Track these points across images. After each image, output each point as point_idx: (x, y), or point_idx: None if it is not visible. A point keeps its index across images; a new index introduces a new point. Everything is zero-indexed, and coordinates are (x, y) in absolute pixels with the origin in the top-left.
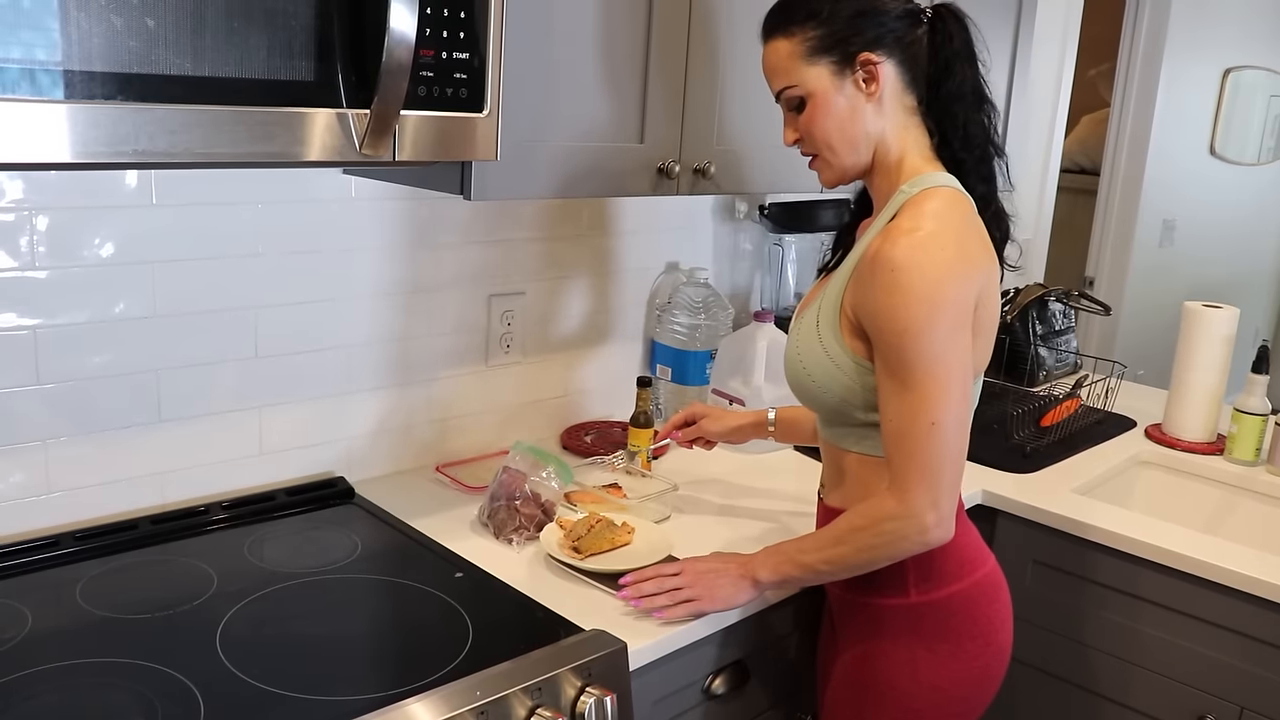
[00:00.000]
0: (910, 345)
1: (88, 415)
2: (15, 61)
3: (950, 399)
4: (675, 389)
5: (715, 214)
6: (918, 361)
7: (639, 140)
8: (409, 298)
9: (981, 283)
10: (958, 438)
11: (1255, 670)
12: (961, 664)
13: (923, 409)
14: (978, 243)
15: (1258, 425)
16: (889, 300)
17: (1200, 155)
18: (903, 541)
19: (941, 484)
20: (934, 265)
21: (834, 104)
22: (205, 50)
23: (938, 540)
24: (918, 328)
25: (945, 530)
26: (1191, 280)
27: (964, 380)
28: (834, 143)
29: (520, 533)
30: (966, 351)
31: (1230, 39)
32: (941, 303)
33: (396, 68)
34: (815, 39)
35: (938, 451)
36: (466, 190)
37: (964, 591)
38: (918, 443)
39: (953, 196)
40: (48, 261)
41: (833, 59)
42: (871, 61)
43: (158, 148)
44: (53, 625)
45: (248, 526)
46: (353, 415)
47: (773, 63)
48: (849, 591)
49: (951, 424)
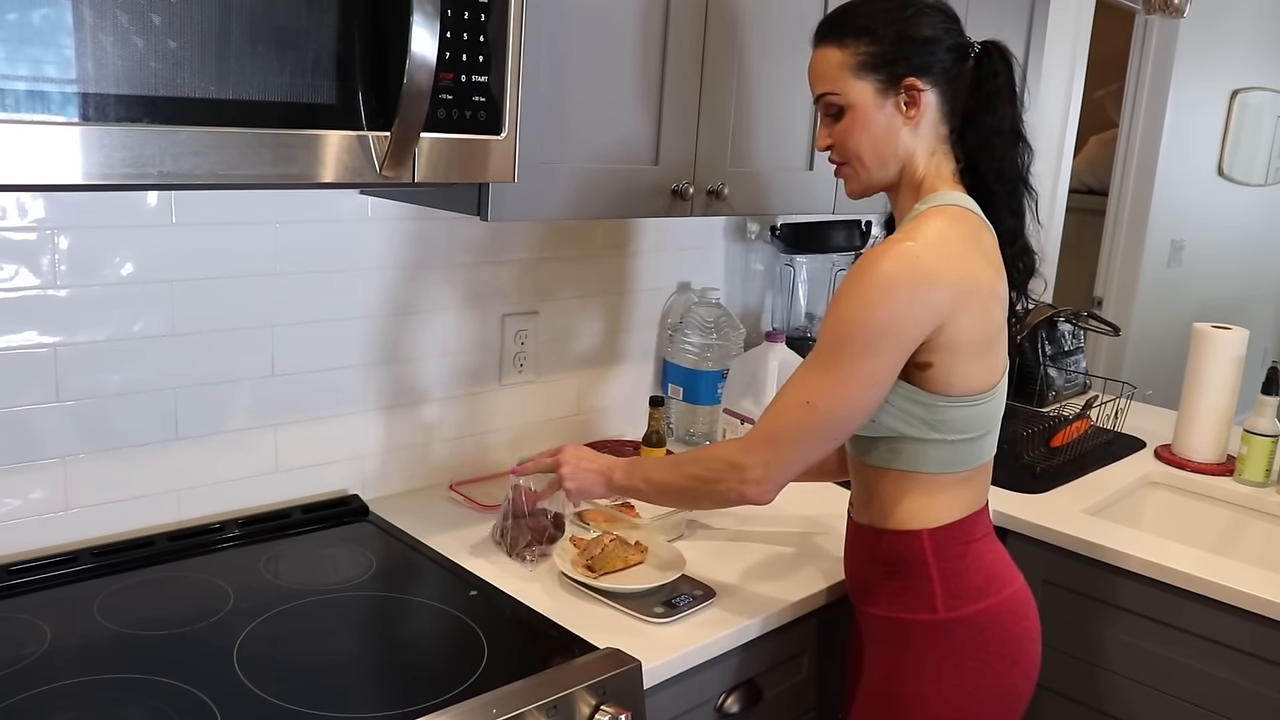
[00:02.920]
0: (831, 328)
1: (106, 432)
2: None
3: (840, 392)
4: (687, 408)
5: (727, 234)
6: (832, 348)
7: (654, 162)
8: (423, 317)
9: (951, 294)
10: (825, 427)
11: (1265, 691)
12: (989, 681)
13: (810, 388)
14: (966, 263)
15: (1267, 446)
16: (844, 288)
17: (1208, 176)
18: (720, 484)
19: (782, 454)
20: (893, 273)
21: (872, 120)
22: (229, 73)
23: (753, 498)
24: (848, 318)
25: (762, 491)
26: (1200, 300)
27: (865, 381)
28: (865, 156)
29: (532, 549)
30: (886, 357)
31: (1238, 60)
32: (881, 305)
33: (417, 91)
34: (866, 55)
35: (796, 425)
36: (484, 211)
37: (992, 609)
38: (785, 410)
39: (957, 214)
40: (69, 280)
41: (879, 77)
42: (916, 88)
43: (182, 169)
44: (71, 641)
45: (263, 544)
46: (367, 433)
47: (820, 68)
48: (876, 607)
49: (824, 413)
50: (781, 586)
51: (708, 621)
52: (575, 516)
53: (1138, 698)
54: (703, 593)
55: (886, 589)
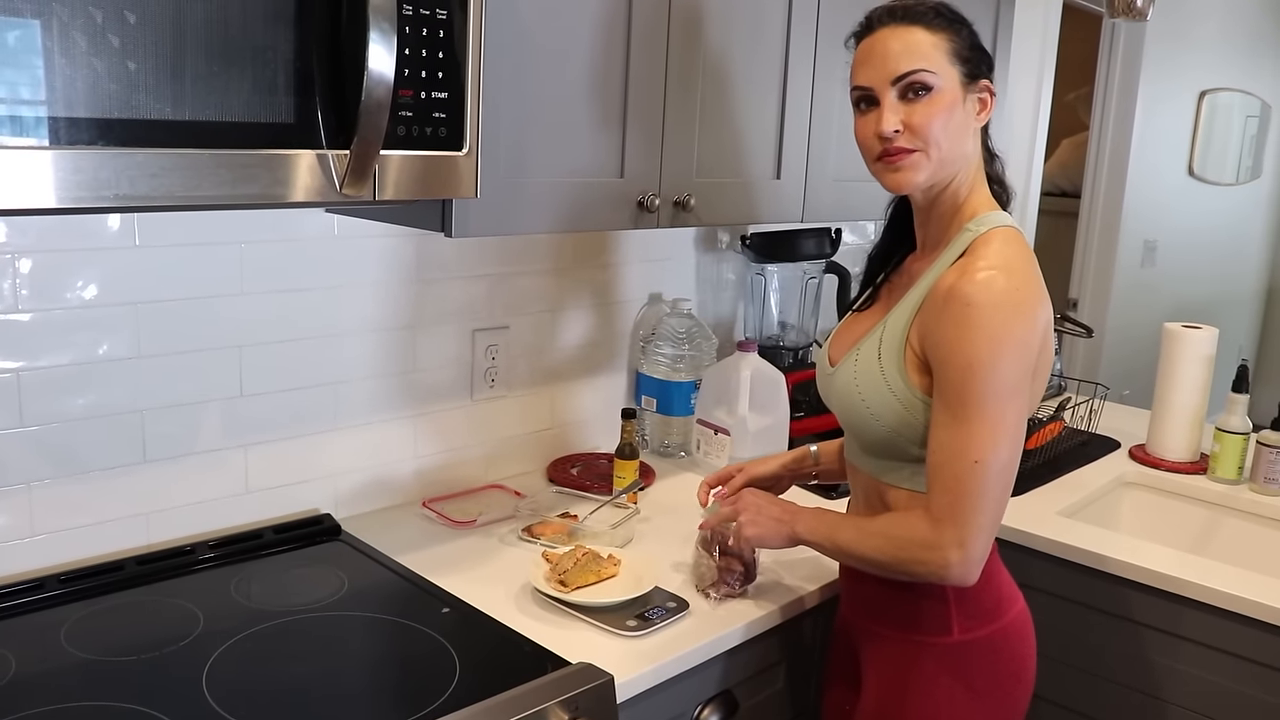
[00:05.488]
0: (971, 380)
1: (72, 457)
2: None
3: (999, 440)
4: (661, 420)
5: (698, 245)
6: (975, 397)
7: (619, 175)
8: (393, 334)
9: (1044, 325)
10: (999, 480)
11: (1244, 689)
12: (997, 700)
13: (970, 445)
14: (1040, 285)
15: (1239, 444)
16: (958, 334)
17: (1179, 176)
18: (920, 568)
19: (972, 524)
20: (1006, 305)
21: (956, 109)
22: (185, 94)
23: (956, 580)
24: (981, 363)
25: (966, 572)
26: (1174, 300)
27: (1017, 423)
28: (942, 143)
29: (718, 587)
30: (1024, 394)
31: (1206, 62)
32: (1009, 341)
33: (375, 108)
34: (956, 44)
35: (976, 490)
36: (448, 228)
37: (1003, 630)
38: (958, 478)
39: (1018, 237)
40: (31, 304)
41: (965, 70)
42: (991, 91)
43: (139, 192)
44: (37, 670)
45: (234, 565)
46: (338, 452)
47: (910, 45)
48: (885, 626)
49: (995, 465)
50: (756, 596)
51: (681, 634)
52: (524, 531)
53: (1116, 698)
54: (676, 605)
55: (898, 609)
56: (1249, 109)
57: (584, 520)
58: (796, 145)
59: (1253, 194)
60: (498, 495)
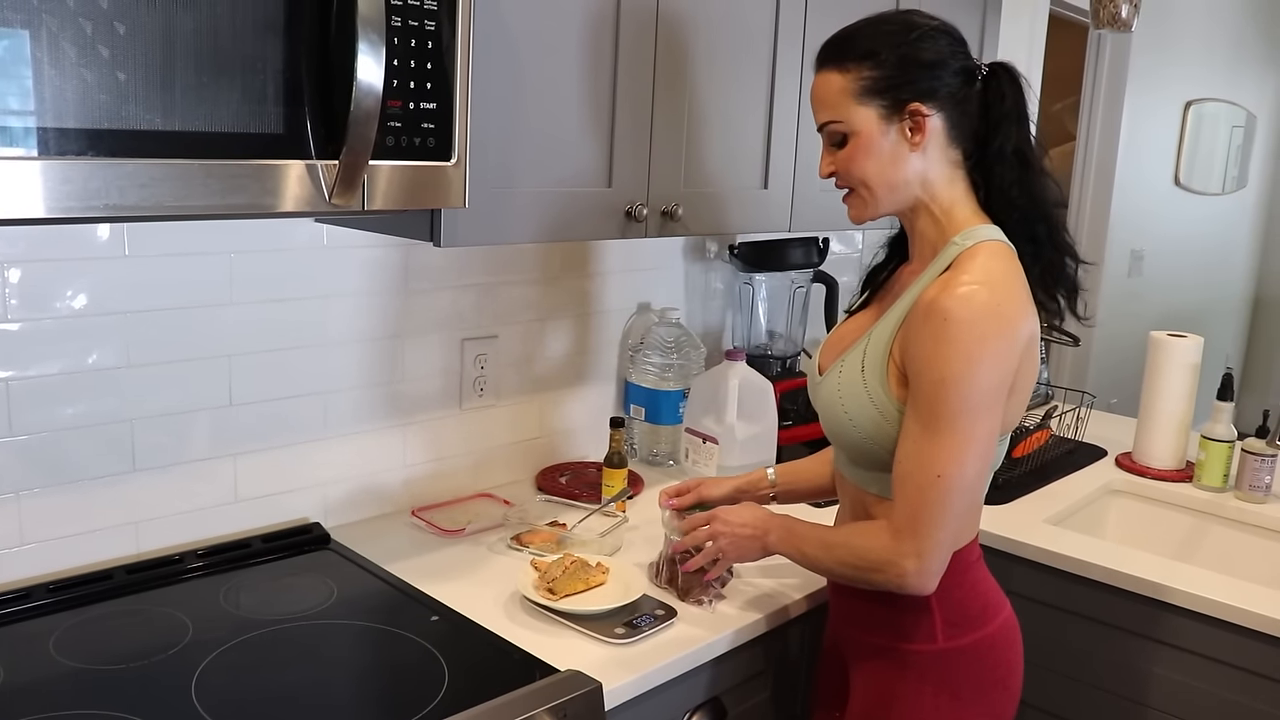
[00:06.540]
0: (943, 394)
1: (61, 466)
2: None
3: (966, 455)
4: (649, 429)
5: (686, 254)
6: (946, 412)
7: (607, 185)
8: (382, 343)
9: (1025, 340)
10: (963, 495)
11: (1230, 696)
12: (982, 708)
13: (936, 459)
14: (1024, 299)
15: (1224, 452)
16: (934, 348)
17: (1166, 186)
18: (878, 576)
19: (931, 538)
20: (984, 320)
21: (877, 146)
22: (175, 104)
23: (913, 590)
24: (955, 378)
25: (922, 583)
26: (1161, 309)
27: (986, 440)
28: (872, 183)
29: (707, 590)
30: (997, 410)
31: (1191, 73)
32: (985, 357)
33: (364, 118)
34: (869, 80)
35: (936, 503)
36: (436, 237)
37: (989, 638)
38: (920, 490)
39: (1004, 251)
40: (20, 314)
41: (883, 103)
42: (921, 113)
43: (129, 202)
44: (26, 679)
45: (223, 574)
46: (327, 461)
47: (822, 94)
48: (870, 634)
49: (959, 480)
50: (743, 604)
51: (669, 641)
52: (513, 540)
53: (1100, 704)
54: (664, 612)
55: (882, 616)
56: (1234, 119)
57: (573, 529)
58: (784, 155)
59: (1238, 203)
60: (486, 504)
